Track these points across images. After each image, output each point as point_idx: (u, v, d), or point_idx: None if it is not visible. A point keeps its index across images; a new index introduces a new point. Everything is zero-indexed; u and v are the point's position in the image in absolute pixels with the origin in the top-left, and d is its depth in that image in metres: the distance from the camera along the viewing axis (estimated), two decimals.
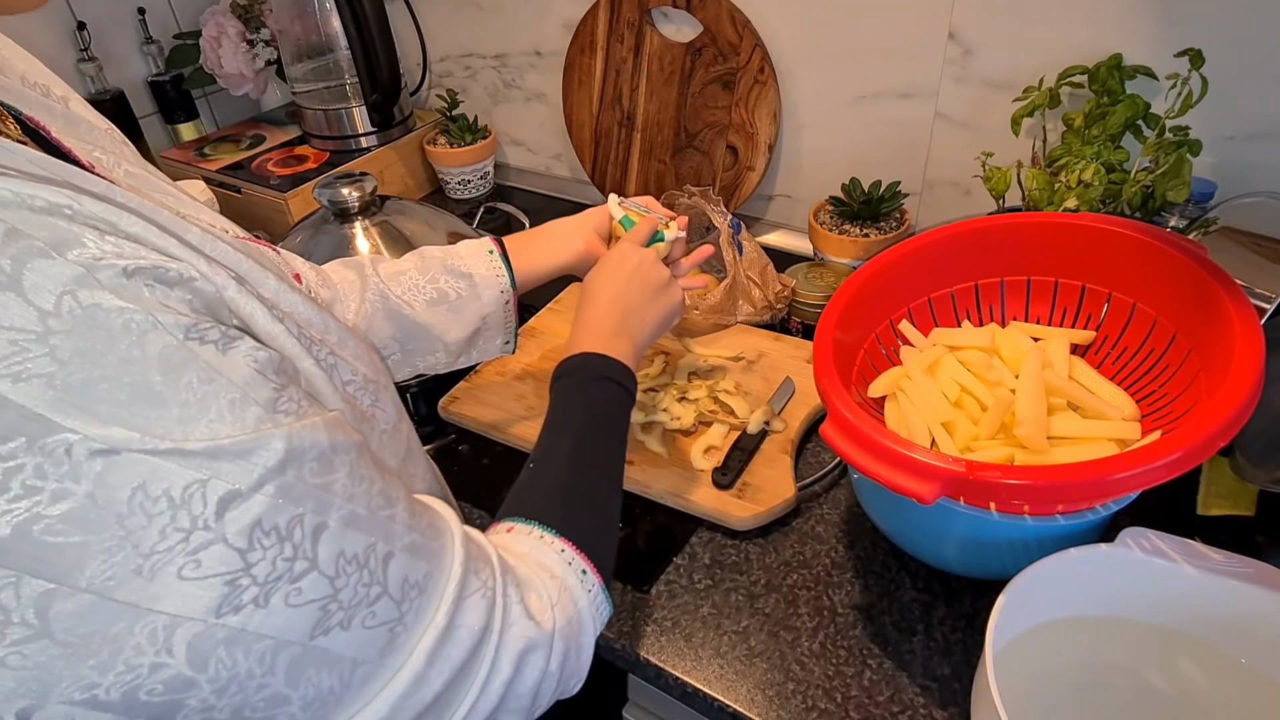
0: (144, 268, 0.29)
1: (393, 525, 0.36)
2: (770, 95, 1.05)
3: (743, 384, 0.86)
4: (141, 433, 0.28)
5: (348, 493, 0.34)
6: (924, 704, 0.59)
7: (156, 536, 0.28)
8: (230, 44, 1.31)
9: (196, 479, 0.28)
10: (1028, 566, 0.52)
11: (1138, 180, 0.76)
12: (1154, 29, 0.81)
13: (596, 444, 0.55)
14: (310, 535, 0.32)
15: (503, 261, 0.71)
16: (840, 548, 0.71)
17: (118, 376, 0.27)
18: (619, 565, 0.70)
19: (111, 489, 0.27)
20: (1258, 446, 0.61)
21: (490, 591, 0.40)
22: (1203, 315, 0.59)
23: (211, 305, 0.33)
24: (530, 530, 0.47)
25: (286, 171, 1.22)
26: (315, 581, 0.32)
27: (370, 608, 0.34)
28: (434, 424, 0.88)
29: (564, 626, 0.43)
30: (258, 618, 0.30)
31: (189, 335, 0.30)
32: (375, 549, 0.35)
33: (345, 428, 0.36)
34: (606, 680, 0.78)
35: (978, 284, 0.73)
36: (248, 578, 0.30)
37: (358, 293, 0.67)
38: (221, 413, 0.30)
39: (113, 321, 0.28)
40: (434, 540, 0.39)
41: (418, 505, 0.40)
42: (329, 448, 0.33)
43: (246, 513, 0.30)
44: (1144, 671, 0.56)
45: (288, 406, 0.33)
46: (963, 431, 0.63)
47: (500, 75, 1.32)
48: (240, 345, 0.32)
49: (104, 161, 0.41)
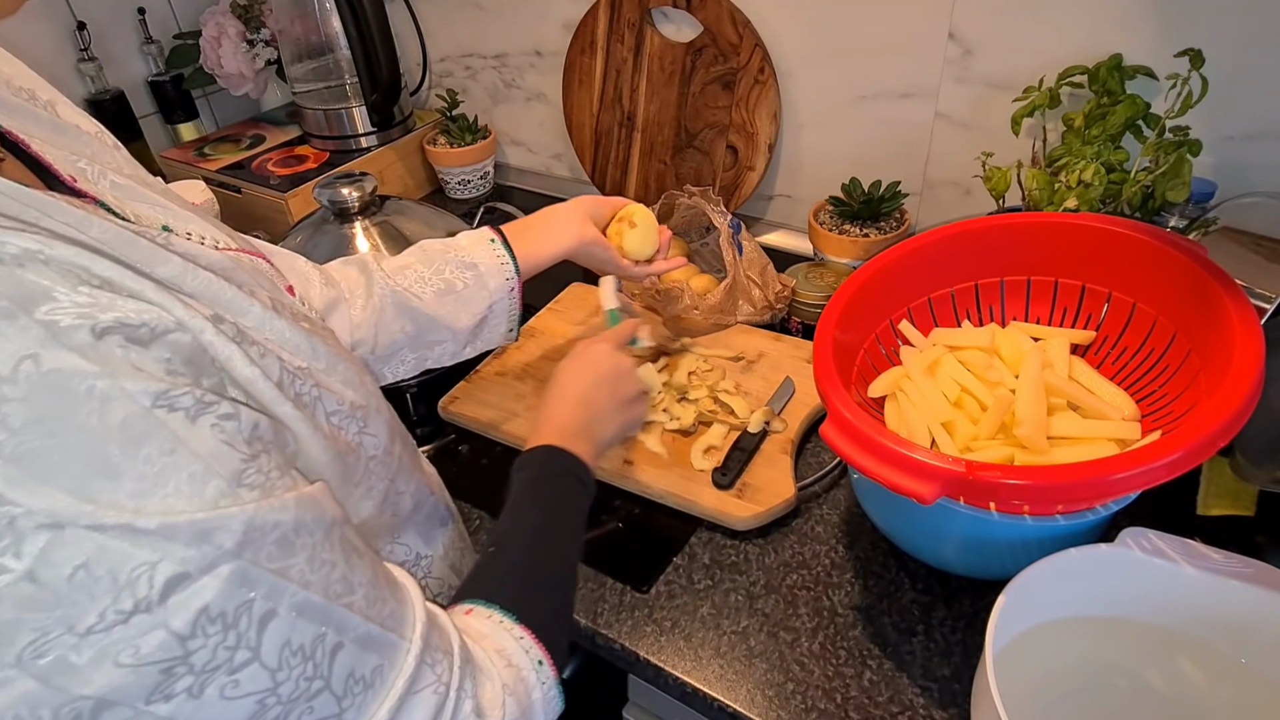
0: (113, 326, 0.28)
1: (348, 615, 0.34)
2: (770, 95, 1.05)
3: (743, 384, 0.86)
4: (92, 505, 0.27)
5: (304, 579, 0.32)
6: (924, 704, 0.59)
7: (95, 618, 0.27)
8: (230, 44, 1.31)
9: (145, 560, 0.27)
10: (1028, 566, 0.52)
11: (1138, 180, 0.76)
12: (1154, 29, 0.81)
13: (556, 534, 0.54)
14: (257, 623, 0.30)
15: (505, 249, 0.72)
16: (840, 548, 0.71)
17: (73, 447, 0.27)
18: (619, 565, 0.70)
19: (53, 566, 0.26)
20: (1258, 446, 0.61)
21: (444, 687, 0.39)
22: (1203, 315, 0.59)
23: (191, 357, 0.32)
24: (490, 614, 0.46)
25: (286, 171, 1.22)
26: (255, 674, 0.31)
27: (309, 702, 0.33)
28: (434, 424, 0.88)
29: (516, 718, 0.42)
30: (188, 708, 0.29)
31: (157, 403, 0.29)
32: (324, 639, 0.33)
33: (318, 505, 0.34)
34: (606, 680, 0.78)
35: (978, 284, 0.73)
36: (184, 666, 0.29)
37: (363, 289, 0.67)
38: (180, 486, 0.29)
39: (75, 388, 0.27)
40: (391, 630, 0.37)
41: (381, 590, 0.37)
42: (292, 528, 0.32)
43: (194, 598, 0.28)
44: (1144, 671, 0.56)
45: (254, 479, 0.31)
46: (963, 431, 0.63)
47: (500, 75, 1.32)
48: (211, 412, 0.31)
49: (88, 172, 0.40)
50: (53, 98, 0.44)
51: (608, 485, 0.78)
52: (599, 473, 0.77)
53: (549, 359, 0.93)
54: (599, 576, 0.70)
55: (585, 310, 1.01)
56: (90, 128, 0.45)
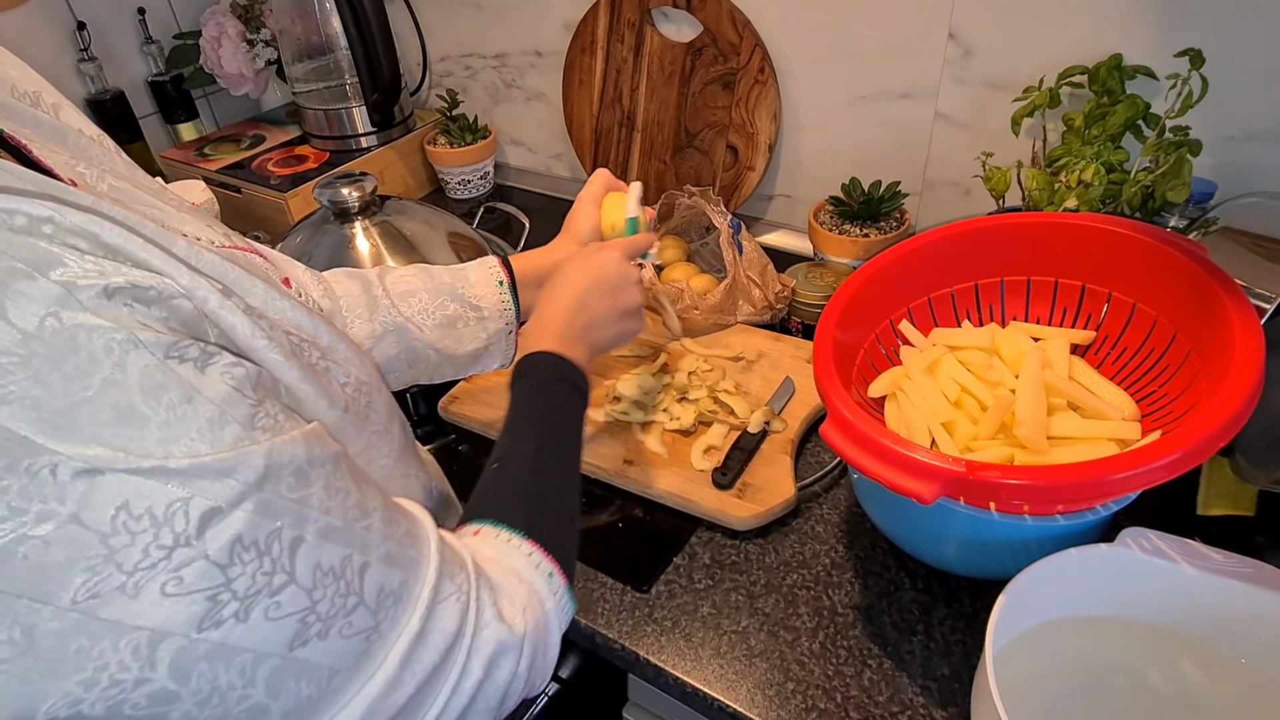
0: (122, 287, 0.30)
1: (369, 535, 0.37)
2: (770, 95, 1.05)
3: (743, 384, 0.86)
4: (124, 452, 0.28)
5: (324, 505, 0.34)
6: (924, 704, 0.59)
7: (140, 554, 0.28)
8: (230, 44, 1.31)
9: (179, 497, 0.29)
10: (1028, 566, 0.52)
11: (1138, 180, 0.76)
12: (1154, 29, 0.81)
13: (557, 446, 0.55)
14: (288, 549, 0.32)
15: (511, 296, 0.71)
16: (840, 548, 0.71)
17: (100, 398, 0.28)
18: (619, 565, 0.70)
19: (95, 508, 0.28)
20: (1258, 446, 0.61)
21: (464, 596, 0.41)
22: (1203, 315, 0.59)
23: (189, 322, 0.33)
24: (498, 533, 0.47)
25: (286, 171, 1.22)
26: (294, 595, 0.33)
27: (347, 618, 0.35)
28: (434, 424, 0.88)
29: (533, 630, 0.44)
30: (238, 632, 0.31)
31: (168, 354, 0.30)
32: (351, 560, 0.35)
33: (323, 440, 0.36)
34: (606, 680, 0.78)
35: (978, 284, 0.73)
36: (228, 593, 0.30)
37: (365, 308, 0.67)
38: (201, 431, 0.30)
39: (95, 342, 0.28)
40: (410, 548, 0.39)
41: (394, 513, 0.40)
42: (305, 462, 0.34)
43: (227, 529, 0.30)
44: (1144, 671, 0.56)
45: (265, 422, 0.33)
46: (963, 431, 0.63)
47: (500, 75, 1.32)
48: (217, 362, 0.32)
49: (87, 176, 0.40)
50: (57, 101, 0.44)
51: (608, 485, 0.78)
52: (599, 473, 0.78)
53: None
54: (599, 576, 0.70)
55: None
56: (91, 132, 0.45)
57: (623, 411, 0.82)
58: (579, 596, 0.68)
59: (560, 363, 0.58)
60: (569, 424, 0.57)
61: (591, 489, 0.78)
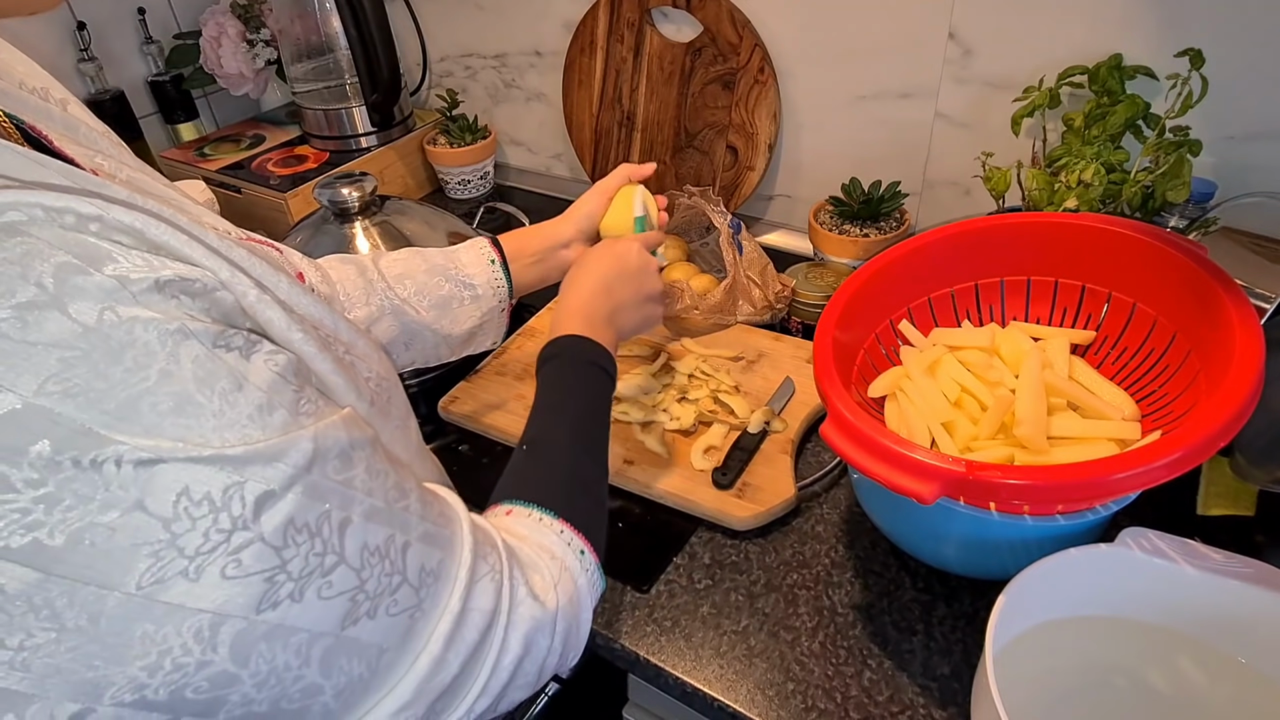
0: (171, 280, 0.31)
1: (408, 516, 0.38)
2: (770, 95, 1.05)
3: (743, 384, 0.86)
4: (183, 441, 0.29)
5: (367, 487, 0.35)
6: (924, 704, 0.59)
7: (200, 539, 0.29)
8: (230, 44, 1.31)
9: (235, 481, 0.30)
10: (1028, 566, 0.52)
11: (1138, 180, 0.76)
12: (1154, 29, 0.81)
13: (589, 429, 0.57)
14: (337, 530, 0.33)
15: (503, 272, 0.73)
16: (840, 548, 0.71)
17: (159, 389, 0.29)
18: (619, 565, 0.70)
19: (158, 496, 0.28)
20: (1258, 446, 0.61)
21: (498, 575, 0.42)
22: (1203, 315, 0.59)
23: (229, 314, 0.34)
24: (530, 513, 0.49)
25: (286, 171, 1.22)
26: (344, 574, 0.34)
27: (393, 595, 0.36)
28: (434, 424, 0.88)
29: (566, 605, 0.45)
30: (294, 612, 0.32)
31: (216, 343, 0.31)
32: (394, 539, 0.36)
33: (359, 424, 0.37)
34: (606, 680, 0.78)
35: (978, 284, 0.73)
36: (284, 574, 0.31)
37: (361, 292, 0.68)
38: (252, 417, 0.31)
39: (150, 335, 0.29)
40: (445, 528, 0.40)
41: (428, 495, 0.41)
42: (348, 444, 0.35)
43: (280, 512, 0.31)
44: (1144, 671, 0.56)
45: (308, 408, 0.34)
46: (963, 431, 0.63)
47: (500, 75, 1.32)
48: (260, 350, 0.33)
49: (105, 167, 0.41)
50: (65, 96, 0.45)
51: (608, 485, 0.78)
52: None
53: None
54: None
55: None
56: (98, 126, 0.46)
57: (623, 411, 0.82)
58: None
59: (589, 345, 0.60)
60: (598, 407, 0.58)
61: None
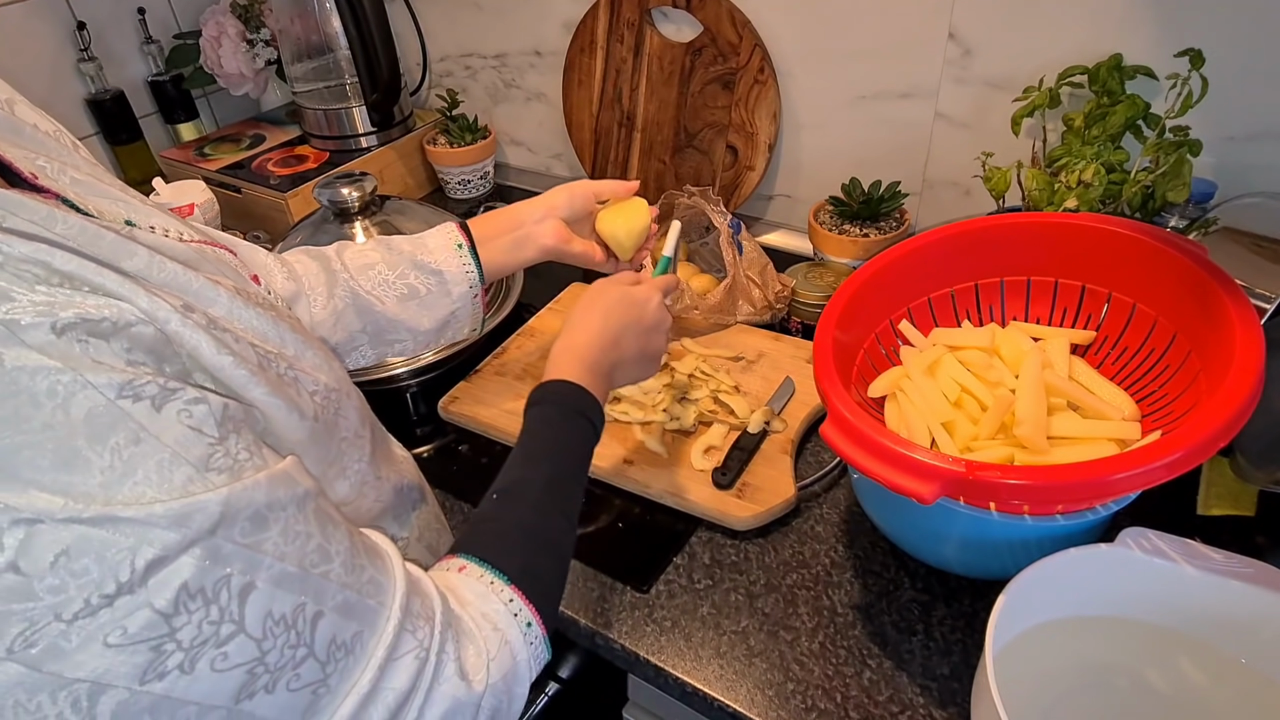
0: (72, 323, 0.29)
1: (325, 583, 0.35)
2: (770, 95, 1.05)
3: (743, 384, 0.86)
4: (65, 498, 0.27)
5: (280, 551, 0.33)
6: (923, 704, 0.59)
7: (80, 604, 0.27)
8: (230, 44, 1.31)
9: (122, 545, 0.28)
10: (1028, 566, 0.52)
11: (1138, 180, 0.76)
12: (1154, 29, 0.81)
13: (565, 485, 0.53)
14: (238, 596, 0.31)
15: (471, 256, 0.70)
16: (840, 548, 0.71)
17: (41, 442, 0.27)
18: (619, 565, 0.70)
19: (34, 557, 0.27)
20: (1258, 446, 0.61)
21: (424, 651, 0.39)
22: (1203, 315, 0.59)
23: (154, 347, 0.32)
24: (482, 574, 0.46)
25: (286, 171, 1.22)
26: (242, 644, 0.31)
27: (296, 669, 0.34)
28: (434, 424, 0.88)
29: (498, 681, 0.42)
30: (183, 684, 0.30)
31: (121, 394, 0.29)
32: (305, 609, 0.34)
33: (289, 481, 0.35)
34: (606, 680, 0.78)
35: (978, 284, 0.73)
36: (173, 643, 0.29)
37: (324, 286, 0.66)
38: (149, 475, 0.29)
39: (37, 385, 0.27)
40: (370, 598, 0.38)
41: (360, 558, 0.38)
42: (265, 505, 0.33)
43: (172, 576, 0.29)
44: (1144, 671, 0.56)
45: (222, 463, 0.32)
46: (963, 431, 0.63)
47: (500, 75, 1.32)
48: (176, 399, 0.31)
49: (48, 170, 0.40)
50: (10, 97, 0.44)
51: (608, 485, 0.78)
52: (599, 473, 0.77)
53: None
54: (599, 576, 0.70)
55: None
56: (48, 127, 0.45)
57: (622, 411, 0.82)
58: (580, 596, 0.68)
59: (583, 396, 0.57)
60: (579, 461, 0.56)
61: (592, 489, 0.78)
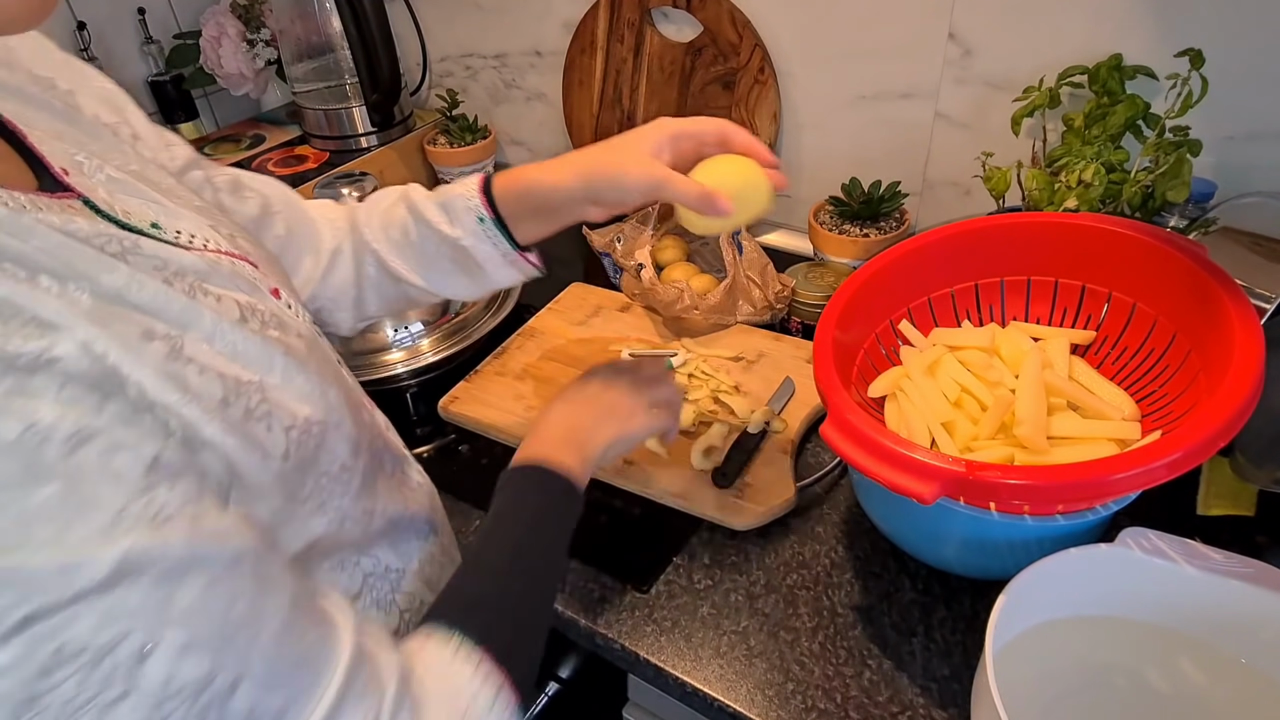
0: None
1: (249, 651, 0.32)
2: (770, 95, 1.05)
3: (743, 384, 0.86)
4: None
5: (196, 611, 0.30)
6: (924, 704, 0.59)
7: None
8: (230, 44, 1.31)
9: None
10: (1028, 566, 0.52)
11: (1138, 180, 0.76)
12: (1154, 29, 0.81)
13: (532, 556, 0.51)
14: (133, 657, 0.28)
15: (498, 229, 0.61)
16: (840, 548, 0.71)
17: None
18: (619, 565, 0.70)
19: None
20: (1258, 446, 0.61)
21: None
22: (1203, 315, 0.59)
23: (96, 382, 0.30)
24: (450, 638, 0.44)
25: (286, 171, 1.22)
26: (133, 710, 0.28)
27: None
28: (434, 424, 0.88)
29: None
30: None
31: (25, 434, 0.27)
32: (218, 677, 0.31)
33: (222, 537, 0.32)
34: (606, 680, 0.78)
35: (978, 284, 0.73)
36: (37, 706, 0.27)
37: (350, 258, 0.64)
38: (38, 523, 0.27)
39: None
40: (303, 668, 0.35)
41: (298, 626, 0.35)
42: (184, 561, 0.30)
43: (57, 632, 0.27)
44: (1144, 671, 0.56)
45: (139, 511, 0.29)
46: (963, 431, 0.63)
47: (500, 75, 1.32)
48: (93, 443, 0.29)
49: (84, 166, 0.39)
50: (72, 86, 0.43)
51: (608, 485, 0.78)
52: (599, 473, 0.77)
53: (549, 359, 0.93)
54: (599, 576, 0.70)
55: (585, 310, 1.00)
56: (111, 118, 0.44)
57: None
58: (579, 597, 0.68)
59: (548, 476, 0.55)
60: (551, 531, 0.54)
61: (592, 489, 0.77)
